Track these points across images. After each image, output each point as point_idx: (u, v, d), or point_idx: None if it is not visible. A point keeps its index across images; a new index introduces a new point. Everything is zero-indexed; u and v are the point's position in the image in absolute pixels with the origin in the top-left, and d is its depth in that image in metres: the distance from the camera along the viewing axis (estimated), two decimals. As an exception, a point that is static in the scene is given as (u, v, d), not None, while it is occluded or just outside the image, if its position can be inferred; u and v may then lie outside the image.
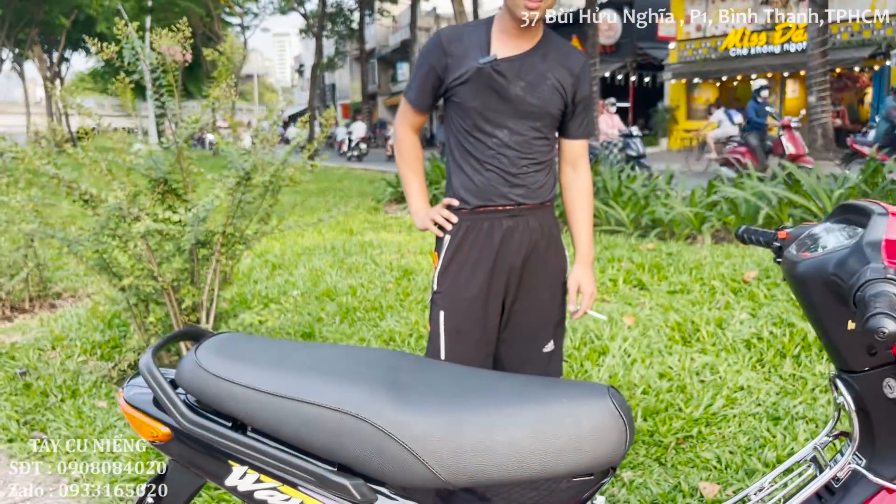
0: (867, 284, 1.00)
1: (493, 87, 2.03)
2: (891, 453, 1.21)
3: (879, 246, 1.11)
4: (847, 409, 1.25)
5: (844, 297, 1.07)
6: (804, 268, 1.24)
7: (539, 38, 2.08)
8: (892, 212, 1.17)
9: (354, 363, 1.35)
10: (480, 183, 2.09)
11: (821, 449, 1.35)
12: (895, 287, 0.98)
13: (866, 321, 0.93)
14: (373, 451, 1.17)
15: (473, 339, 2.15)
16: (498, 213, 2.10)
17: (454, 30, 2.14)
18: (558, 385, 1.34)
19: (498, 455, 1.16)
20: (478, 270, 2.11)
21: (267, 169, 3.26)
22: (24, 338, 4.48)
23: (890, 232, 1.13)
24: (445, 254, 2.16)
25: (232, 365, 1.29)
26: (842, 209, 1.35)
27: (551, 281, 2.22)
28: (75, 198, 3.29)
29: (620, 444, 1.18)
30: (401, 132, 2.30)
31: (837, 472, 1.26)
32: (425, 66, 2.13)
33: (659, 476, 2.58)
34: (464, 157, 2.13)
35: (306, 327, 4.31)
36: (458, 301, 2.13)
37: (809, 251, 1.29)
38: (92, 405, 3.36)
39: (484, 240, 2.11)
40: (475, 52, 2.04)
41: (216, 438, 1.26)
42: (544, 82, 2.06)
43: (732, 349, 3.62)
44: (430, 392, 1.26)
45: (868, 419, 1.23)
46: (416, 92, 2.18)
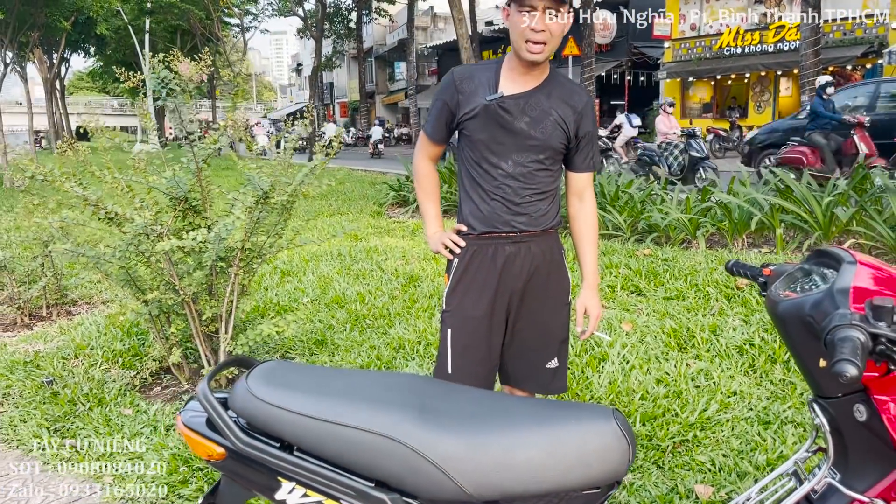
0: (835, 329, 1.17)
1: (498, 121, 2.20)
2: (861, 469, 1.38)
3: (848, 293, 1.28)
4: (823, 430, 1.43)
5: (818, 336, 1.25)
6: (784, 307, 1.42)
7: (545, 77, 2.25)
8: (859, 261, 1.35)
9: (385, 389, 1.53)
10: (486, 211, 2.27)
11: (800, 464, 1.53)
12: (859, 332, 1.15)
13: (833, 365, 1.10)
14: (407, 469, 1.34)
15: (478, 356, 2.33)
16: (501, 238, 2.27)
17: (466, 69, 2.31)
18: (568, 408, 1.52)
19: (516, 472, 1.33)
20: (483, 292, 2.28)
21: (285, 188, 3.43)
22: (46, 346, 4.65)
23: (857, 280, 1.30)
24: (454, 276, 2.34)
25: (279, 392, 1.46)
26: (818, 253, 1.52)
27: (553, 302, 2.39)
28: (101, 217, 3.47)
29: (624, 461, 1.36)
30: (419, 162, 2.48)
31: (815, 486, 1.44)
32: (440, 102, 2.31)
33: (657, 478, 2.76)
34: (472, 187, 2.31)
35: (318, 335, 4.49)
36: (465, 320, 2.31)
37: (789, 290, 1.47)
38: (118, 413, 3.53)
39: (489, 264, 2.28)
40: (484, 89, 2.22)
41: (268, 458, 1.43)
42: (547, 118, 2.22)
43: (726, 355, 3.80)
44: (454, 415, 1.43)
45: (841, 439, 1.41)
46: (433, 125, 2.37)
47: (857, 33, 20.41)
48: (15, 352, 4.50)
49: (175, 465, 2.97)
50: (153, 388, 3.98)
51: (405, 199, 10.96)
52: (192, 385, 3.91)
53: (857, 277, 1.31)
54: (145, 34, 30.00)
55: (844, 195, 6.12)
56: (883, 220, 5.55)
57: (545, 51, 2.11)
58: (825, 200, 5.95)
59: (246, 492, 1.56)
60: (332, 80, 51.37)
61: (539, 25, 2.06)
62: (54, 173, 3.36)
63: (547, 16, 2.06)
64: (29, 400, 3.73)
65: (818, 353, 1.31)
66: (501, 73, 2.25)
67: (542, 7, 2.05)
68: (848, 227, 5.89)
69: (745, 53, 22.97)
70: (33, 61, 30.10)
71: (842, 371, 1.08)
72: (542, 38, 2.08)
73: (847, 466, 1.40)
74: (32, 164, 3.34)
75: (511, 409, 1.48)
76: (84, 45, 35.98)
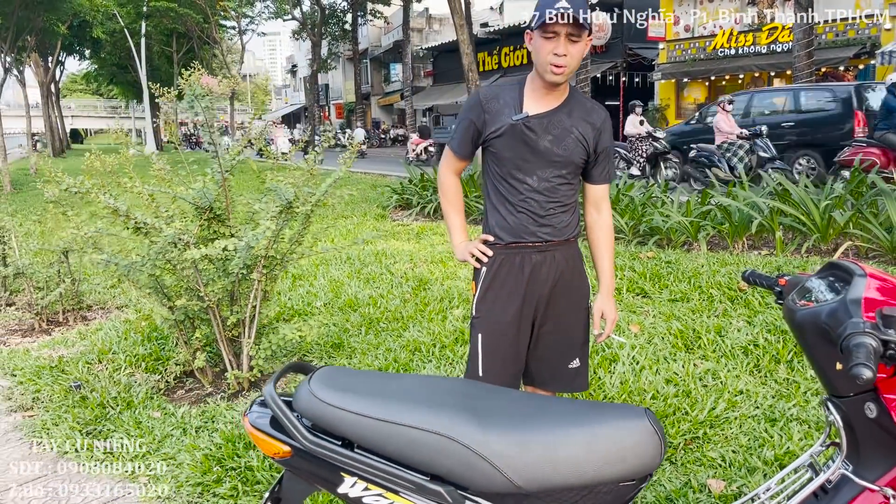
0: (850, 336, 1.31)
1: (524, 140, 2.35)
2: (872, 461, 1.52)
3: (860, 303, 1.43)
4: (836, 426, 1.57)
5: (834, 342, 1.39)
6: (802, 316, 1.56)
7: (566, 96, 2.39)
8: (869, 273, 1.50)
9: (436, 392, 1.67)
10: (513, 223, 2.41)
11: (815, 457, 1.68)
12: (872, 339, 1.30)
13: (850, 369, 1.25)
14: (462, 464, 1.48)
15: (507, 358, 2.48)
16: (528, 248, 2.42)
17: (492, 90, 2.45)
18: (604, 408, 1.66)
19: (559, 466, 1.47)
20: (511, 299, 2.43)
21: (308, 198, 3.56)
22: (69, 351, 4.77)
23: (868, 291, 1.45)
24: (482, 284, 2.48)
25: (340, 395, 1.59)
26: (830, 266, 1.67)
27: (575, 306, 2.54)
28: (130, 226, 3.60)
29: (657, 455, 1.50)
30: (444, 175, 2.62)
31: (830, 476, 1.58)
32: (466, 120, 2.45)
33: (671, 474, 2.90)
34: (499, 200, 2.45)
35: (335, 338, 4.62)
36: (494, 325, 2.46)
37: (805, 300, 1.61)
38: (148, 416, 3.66)
39: (516, 272, 2.43)
40: (510, 109, 2.37)
41: (332, 455, 1.57)
42: (569, 136, 2.36)
43: (731, 355, 3.94)
44: (502, 415, 1.57)
45: (853, 434, 1.55)
46: (459, 142, 2.51)
47: (849, 34, 20.64)
48: (39, 357, 4.62)
49: (208, 465, 3.10)
50: (176, 392, 4.11)
51: (408, 202, 11.10)
52: (216, 388, 4.03)
53: (867, 289, 1.45)
54: (141, 38, 30.11)
55: (841, 198, 6.29)
56: (879, 223, 5.71)
57: (566, 73, 2.26)
58: (823, 204, 6.11)
59: (309, 486, 1.69)
60: (327, 81, 51.47)
61: (562, 50, 2.20)
62: (85, 184, 3.49)
63: (568, 41, 2.20)
64: (59, 404, 3.85)
65: (834, 357, 1.46)
66: (525, 93, 2.39)
67: (565, 33, 2.19)
68: (845, 230, 6.06)
69: (739, 55, 23.17)
70: (29, 65, 30.16)
71: (858, 374, 1.23)
72: (564, 62, 2.22)
73: (859, 459, 1.55)
74: (58, 174, 3.47)
75: (553, 409, 1.61)
76: (79, 49, 36.02)
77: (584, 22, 2.15)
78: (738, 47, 23.19)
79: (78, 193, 3.39)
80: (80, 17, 26.26)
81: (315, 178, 3.73)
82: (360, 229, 9.30)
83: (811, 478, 1.65)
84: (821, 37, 20.51)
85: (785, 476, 1.73)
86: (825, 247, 6.10)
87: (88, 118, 72.90)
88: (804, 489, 1.62)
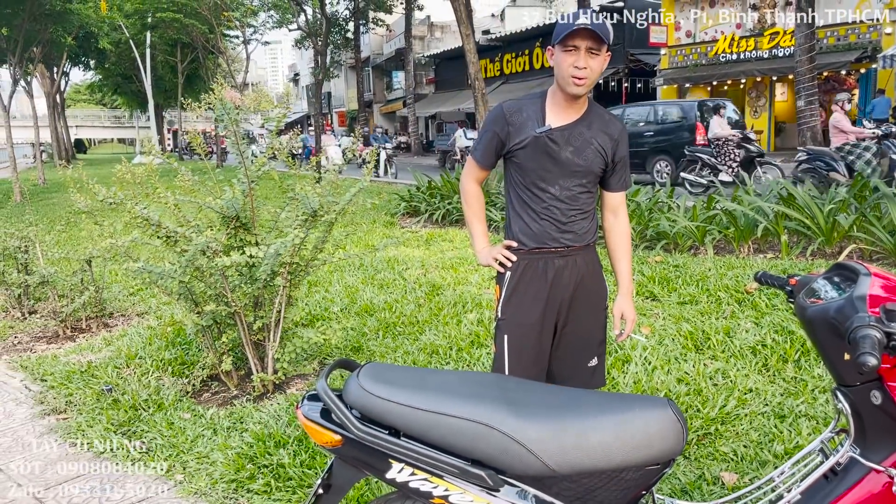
0: (857, 329, 1.46)
1: (547, 151, 2.49)
2: (878, 444, 1.66)
3: (865, 299, 1.57)
4: (845, 413, 1.72)
5: (842, 335, 1.53)
6: (812, 312, 1.71)
7: (585, 108, 2.54)
8: (873, 273, 1.64)
9: (473, 385, 1.81)
10: (536, 229, 2.55)
11: (826, 443, 1.82)
12: (876, 331, 1.44)
13: (857, 357, 1.39)
14: (500, 450, 1.62)
15: (532, 358, 2.62)
16: (551, 253, 2.56)
17: (515, 103, 2.60)
18: (631, 399, 1.80)
19: (590, 451, 1.61)
20: (536, 302, 2.57)
21: (332, 207, 3.71)
22: (96, 357, 4.91)
23: (872, 289, 1.60)
24: (507, 287, 2.62)
25: (387, 388, 1.73)
26: (837, 267, 1.82)
27: (594, 308, 2.69)
28: (161, 236, 3.75)
29: (679, 441, 1.63)
30: (466, 184, 2.76)
31: (839, 459, 1.72)
32: (490, 132, 2.60)
33: (685, 468, 3.04)
34: (522, 208, 2.59)
35: (354, 342, 4.76)
36: (519, 326, 2.60)
37: (815, 297, 1.75)
38: (178, 417, 3.80)
39: (540, 276, 2.57)
40: (533, 122, 2.51)
41: (381, 443, 1.70)
42: (589, 147, 2.50)
43: (740, 355, 4.08)
44: (537, 406, 1.71)
45: (861, 420, 1.69)
46: (482, 152, 2.65)
47: (850, 38, 20.80)
48: (68, 362, 4.77)
49: (241, 463, 3.24)
50: (203, 395, 4.25)
51: (416, 209, 11.25)
52: (241, 391, 4.17)
53: (871, 286, 1.60)
54: (146, 48, 30.36)
55: (845, 202, 6.43)
56: (882, 226, 5.85)
57: (587, 85, 2.40)
58: (827, 208, 6.25)
59: (358, 472, 1.83)
60: (329, 89, 51.73)
61: (582, 63, 2.35)
62: (118, 196, 3.64)
63: (588, 54, 2.35)
64: (92, 407, 4.00)
65: (842, 348, 1.60)
66: (547, 106, 2.53)
67: (585, 47, 2.33)
68: (849, 233, 6.19)
69: (741, 59, 23.35)
70: (36, 76, 30.42)
71: (864, 362, 1.37)
72: (585, 74, 2.36)
73: (865, 442, 1.69)
74: (93, 186, 3.63)
75: (583, 400, 1.76)
76: (84, 59, 36.33)
77: (603, 36, 2.30)
78: (740, 52, 23.38)
79: (112, 204, 3.53)
80: (86, 29, 26.56)
81: (338, 187, 3.87)
82: (370, 237, 9.45)
83: (822, 462, 1.78)
84: (822, 41, 20.69)
85: (798, 460, 1.87)
86: (830, 250, 6.23)
87: (92, 128, 73.25)
88: (815, 471, 1.76)
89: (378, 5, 34.70)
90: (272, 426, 3.52)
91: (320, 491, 1.86)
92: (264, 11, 32.18)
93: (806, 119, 18.36)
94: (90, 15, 23.81)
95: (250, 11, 30.95)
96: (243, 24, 31.30)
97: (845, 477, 1.69)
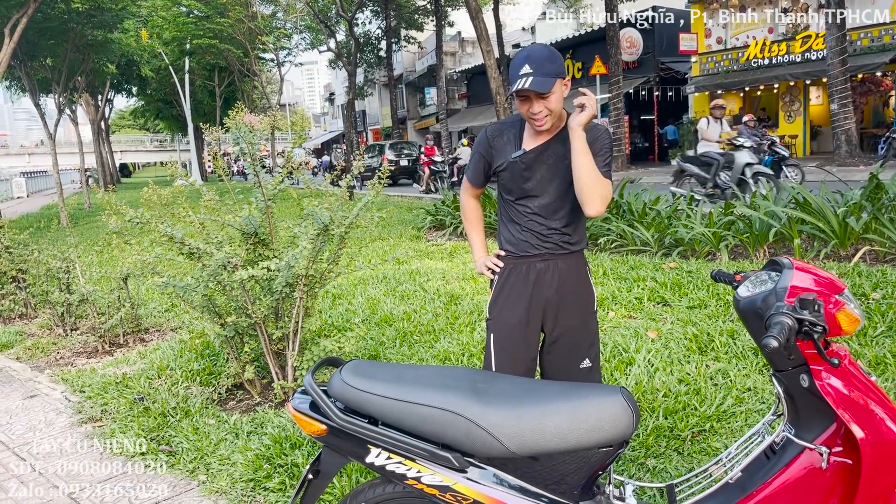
0: (772, 316, 1.61)
1: (523, 174, 2.67)
2: (809, 424, 1.80)
3: (786, 290, 1.73)
4: (780, 396, 1.86)
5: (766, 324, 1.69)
6: (744, 303, 1.87)
7: (562, 126, 2.67)
8: (796, 266, 1.79)
9: (446, 378, 2.00)
10: (519, 239, 2.74)
11: (768, 425, 1.97)
12: (788, 318, 1.59)
13: (761, 340, 1.55)
14: (465, 434, 1.80)
15: (517, 355, 2.77)
16: (533, 258, 2.73)
17: (497, 127, 2.81)
18: (585, 387, 1.96)
19: (547, 434, 1.78)
20: (519, 301, 2.74)
21: (342, 222, 3.94)
22: (131, 369, 5.21)
23: (794, 280, 1.75)
24: (494, 289, 2.83)
25: (366, 382, 1.93)
26: (771, 262, 1.97)
27: (582, 311, 2.82)
28: (184, 252, 4.01)
29: (629, 425, 1.80)
30: (463, 200, 3.03)
31: (776, 439, 1.87)
32: (477, 155, 2.84)
33: (677, 463, 3.16)
34: (508, 220, 2.80)
35: (372, 350, 4.98)
36: (504, 326, 2.77)
37: (749, 290, 1.91)
38: (204, 422, 4.05)
39: (523, 278, 2.74)
40: (510, 146, 2.71)
41: (361, 431, 1.90)
42: (563, 161, 2.61)
43: (742, 356, 4.18)
44: (499, 395, 1.89)
45: (793, 402, 1.83)
46: (472, 173, 2.91)
47: (884, 39, 20.52)
48: (104, 375, 5.07)
49: (259, 463, 3.46)
50: (228, 403, 4.49)
51: (442, 222, 11.48)
52: (264, 398, 4.41)
53: (793, 278, 1.76)
54: (185, 73, 31.31)
55: (858, 205, 6.46)
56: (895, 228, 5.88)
57: (548, 122, 2.55)
58: (840, 211, 6.29)
59: (342, 458, 2.03)
60: (363, 107, 52.50)
61: (535, 109, 2.51)
62: (145, 216, 3.92)
63: (539, 99, 2.49)
64: (125, 415, 4.27)
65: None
66: (525, 128, 2.71)
67: (534, 95, 2.49)
68: (864, 235, 6.22)
69: (773, 64, 23.19)
70: (81, 104, 31.58)
71: (766, 344, 1.53)
72: (541, 116, 2.52)
73: (799, 423, 1.83)
74: (122, 207, 3.92)
75: (541, 389, 1.93)
76: (127, 86, 37.58)
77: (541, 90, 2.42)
78: (772, 57, 23.22)
79: (139, 224, 3.81)
80: (128, 57, 27.56)
81: (349, 203, 4.10)
82: (395, 250, 9.69)
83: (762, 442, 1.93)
84: (855, 43, 20.47)
85: (745, 442, 2.02)
86: (844, 252, 6.27)
87: (136, 152, 75.44)
88: (756, 450, 1.91)
89: (410, 23, 35.25)
90: (289, 429, 3.74)
91: (310, 476, 2.06)
92: (297, 34, 32.94)
93: (840, 122, 18.21)
94: (131, 44, 24.74)
95: (283, 35, 31.73)
96: (277, 47, 32.10)
97: (782, 455, 1.84)
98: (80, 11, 18.42)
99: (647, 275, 6.24)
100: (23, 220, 21.32)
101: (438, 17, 32.90)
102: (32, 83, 20.89)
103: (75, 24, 19.25)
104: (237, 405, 4.44)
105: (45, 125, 20.93)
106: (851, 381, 1.73)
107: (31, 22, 16.06)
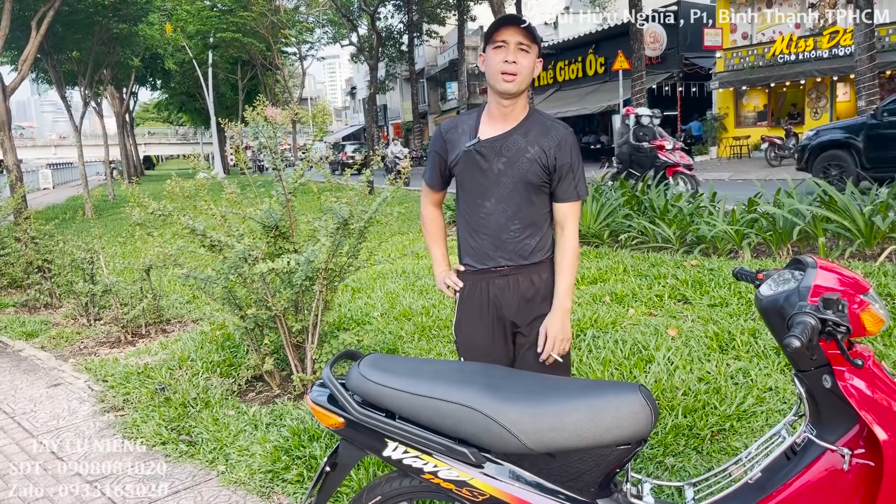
0: (795, 315, 1.59)
1: (477, 164, 2.45)
2: (831, 425, 1.78)
3: (809, 289, 1.71)
4: (802, 397, 1.84)
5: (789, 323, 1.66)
6: (766, 302, 1.84)
7: (523, 118, 2.47)
8: (820, 265, 1.77)
9: (463, 372, 2.00)
10: (475, 246, 2.51)
11: (789, 425, 1.94)
12: (811, 318, 1.57)
13: (783, 339, 1.53)
14: (483, 430, 1.80)
15: None
16: (491, 273, 2.51)
17: (451, 121, 2.60)
18: (603, 384, 1.96)
19: (565, 431, 1.77)
20: (482, 321, 2.55)
21: (361, 216, 3.95)
22: (152, 359, 5.27)
23: (817, 279, 1.73)
24: (457, 310, 2.65)
25: (384, 376, 1.94)
26: (794, 261, 1.94)
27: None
28: (206, 245, 4.05)
29: (648, 423, 1.78)
30: (423, 210, 2.79)
31: (797, 440, 1.85)
32: (433, 153, 2.63)
33: (696, 461, 3.14)
34: (464, 225, 2.57)
35: (390, 344, 4.99)
36: (471, 349, 2.60)
37: (772, 289, 1.89)
38: (223, 413, 4.08)
39: (482, 297, 2.53)
40: (465, 137, 2.49)
41: (378, 424, 1.91)
42: (523, 156, 2.41)
43: (763, 355, 4.14)
44: (517, 391, 1.89)
45: (815, 403, 1.81)
46: (429, 174, 2.68)
47: (914, 35, 20.20)
48: (126, 365, 5.13)
49: (277, 455, 3.48)
50: (248, 394, 4.53)
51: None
52: (283, 390, 4.44)
53: (817, 278, 1.73)
54: (208, 67, 31.54)
55: (885, 203, 6.36)
56: (923, 227, 5.79)
57: (517, 81, 2.34)
58: (866, 209, 6.20)
59: (359, 451, 2.04)
60: (385, 101, 52.55)
61: (511, 57, 2.31)
62: (167, 208, 3.96)
63: (518, 50, 2.33)
64: (146, 404, 4.32)
65: None
66: (482, 119, 2.51)
67: (515, 42, 2.32)
68: (891, 234, 6.13)
69: (800, 60, 22.88)
70: (106, 97, 31.94)
71: (789, 343, 1.51)
72: (515, 70, 2.32)
73: (820, 424, 1.81)
74: (145, 200, 3.96)
75: (560, 386, 1.92)
76: (151, 80, 37.93)
77: (531, 31, 2.31)
78: (799, 53, 22.91)
79: (162, 216, 3.85)
80: (152, 51, 27.84)
81: (368, 197, 4.11)
82: (414, 245, 9.68)
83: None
84: (884, 39, 20.14)
85: (764, 442, 2.00)
86: (870, 251, 6.18)
87: (160, 145, 76.07)
88: (777, 450, 1.88)
89: (432, 18, 35.21)
90: (307, 421, 3.76)
91: (328, 469, 2.07)
92: (319, 28, 33.05)
93: (867, 119, 17.93)
94: (155, 37, 24.99)
95: (306, 28, 31.86)
96: (299, 41, 32.24)
97: (803, 456, 1.81)
98: (105, 5, 18.64)
99: (668, 272, 6.19)
100: (49, 211, 21.64)
101: (461, 12, 32.83)
102: (59, 76, 21.17)
103: (101, 17, 19.48)
104: (256, 397, 4.47)
105: (71, 117, 21.21)
106: (875, 382, 1.71)
107: (58, 15, 16.24)
